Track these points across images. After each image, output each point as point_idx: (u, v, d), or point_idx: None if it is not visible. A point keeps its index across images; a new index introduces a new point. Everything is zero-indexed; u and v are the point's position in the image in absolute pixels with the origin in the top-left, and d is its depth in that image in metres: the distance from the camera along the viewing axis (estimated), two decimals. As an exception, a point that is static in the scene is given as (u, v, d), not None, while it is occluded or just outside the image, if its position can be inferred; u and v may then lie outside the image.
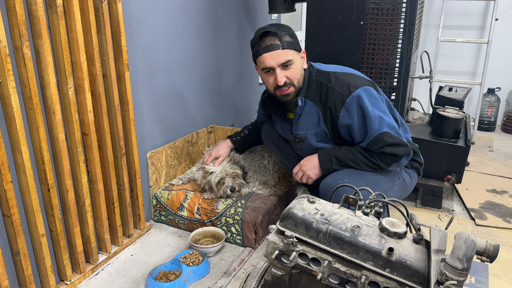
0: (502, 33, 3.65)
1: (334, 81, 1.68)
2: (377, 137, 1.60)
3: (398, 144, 1.61)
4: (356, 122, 1.63)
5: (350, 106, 1.63)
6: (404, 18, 2.07)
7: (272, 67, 1.64)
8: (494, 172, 2.84)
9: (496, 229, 2.16)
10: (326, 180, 1.67)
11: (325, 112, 1.70)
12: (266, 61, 1.63)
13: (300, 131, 1.79)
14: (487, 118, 3.76)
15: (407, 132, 1.88)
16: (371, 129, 1.61)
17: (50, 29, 1.50)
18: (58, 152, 1.59)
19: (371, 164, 1.65)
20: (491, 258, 0.89)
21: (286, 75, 1.65)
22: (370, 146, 1.63)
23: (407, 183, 1.80)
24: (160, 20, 2.07)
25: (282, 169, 2.23)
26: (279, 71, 1.64)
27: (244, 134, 2.19)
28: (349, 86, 1.64)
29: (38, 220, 1.52)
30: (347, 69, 1.77)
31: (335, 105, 1.66)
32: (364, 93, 1.62)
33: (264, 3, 3.04)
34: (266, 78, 1.71)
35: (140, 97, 2.02)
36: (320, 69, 1.75)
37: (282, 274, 1.09)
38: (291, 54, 1.63)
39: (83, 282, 1.75)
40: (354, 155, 1.66)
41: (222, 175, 2.02)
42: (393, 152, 1.61)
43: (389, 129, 1.61)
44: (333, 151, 1.70)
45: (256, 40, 1.64)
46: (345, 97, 1.63)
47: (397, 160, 1.64)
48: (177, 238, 2.07)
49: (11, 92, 1.36)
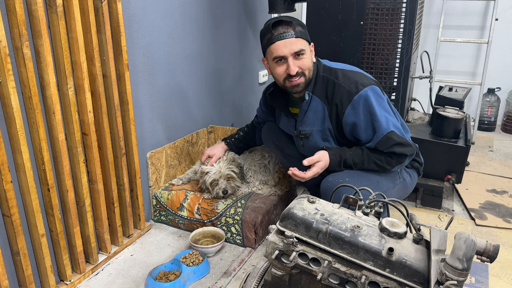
0: (502, 33, 3.65)
1: (341, 78, 1.66)
2: (386, 135, 1.59)
3: (405, 144, 1.61)
4: (362, 121, 1.62)
5: (357, 104, 1.61)
6: (404, 18, 2.07)
7: (284, 55, 1.61)
8: (494, 172, 2.84)
9: (496, 229, 2.16)
10: (327, 179, 1.66)
11: (331, 109, 1.68)
12: (279, 48, 1.60)
13: (305, 127, 1.77)
14: (487, 118, 3.76)
15: (407, 132, 1.88)
16: (379, 128, 1.60)
17: (50, 29, 1.50)
18: (58, 152, 1.59)
19: (376, 167, 1.65)
20: (491, 258, 0.89)
21: (298, 65, 1.63)
22: (379, 145, 1.62)
23: (407, 183, 1.80)
24: (160, 20, 2.07)
25: (283, 169, 2.23)
26: (291, 60, 1.61)
27: (239, 136, 2.19)
28: (357, 84, 1.63)
29: (38, 220, 1.52)
30: (353, 67, 1.76)
31: (341, 102, 1.64)
32: (371, 92, 1.61)
33: (264, 3, 3.04)
34: (276, 67, 1.66)
35: (140, 97, 2.02)
36: (328, 65, 1.73)
37: (282, 274, 1.09)
38: (304, 44, 1.62)
39: (83, 282, 1.75)
40: (361, 160, 1.65)
41: (215, 176, 2.02)
42: (402, 152, 1.61)
43: (395, 129, 1.61)
44: (343, 154, 1.66)
45: (269, 28, 1.62)
46: (353, 94, 1.62)
47: (402, 161, 1.64)
48: (177, 238, 2.07)
49: (11, 92, 1.36)
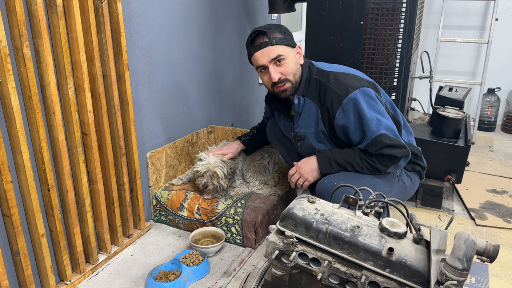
0: (502, 33, 3.65)
1: (333, 80, 1.68)
2: (375, 138, 1.60)
3: (396, 146, 1.61)
4: (352, 123, 1.63)
5: (346, 107, 1.63)
6: (404, 18, 2.06)
7: (264, 65, 1.66)
8: (494, 172, 2.84)
9: (496, 229, 2.16)
10: (322, 181, 1.67)
11: (323, 112, 1.70)
12: (258, 59, 1.67)
13: (300, 129, 1.79)
14: (487, 118, 3.76)
15: (411, 134, 1.87)
16: (369, 131, 1.60)
17: (50, 29, 1.50)
18: (58, 152, 1.59)
19: (370, 167, 1.65)
20: (491, 258, 0.89)
21: (279, 71, 1.66)
22: (369, 147, 1.63)
23: (407, 186, 1.79)
24: (160, 20, 2.07)
25: (282, 169, 2.23)
26: (272, 68, 1.66)
27: (253, 134, 2.19)
28: (347, 86, 1.64)
29: (38, 220, 1.52)
30: (348, 69, 1.77)
31: (332, 105, 1.66)
32: (361, 95, 1.62)
33: (264, 3, 3.04)
34: (262, 77, 1.73)
35: (140, 97, 2.02)
36: (321, 68, 1.75)
37: (282, 274, 1.09)
38: (282, 50, 1.65)
39: (83, 282, 1.75)
40: (354, 159, 1.66)
41: (202, 168, 2.03)
42: (392, 154, 1.61)
43: (386, 131, 1.61)
44: (332, 155, 1.69)
45: (248, 42, 1.69)
46: (342, 97, 1.63)
47: (396, 162, 1.64)
48: (177, 238, 2.07)
49: (11, 92, 1.36)
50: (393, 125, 1.66)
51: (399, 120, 1.76)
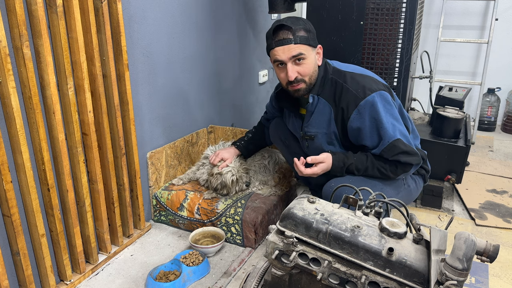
0: (502, 33, 3.65)
1: (350, 81, 1.64)
2: (392, 143, 1.57)
3: (410, 153, 1.58)
4: (367, 127, 1.59)
5: (363, 110, 1.59)
6: (404, 18, 2.06)
7: (283, 60, 1.61)
8: (494, 172, 2.84)
9: (496, 229, 2.16)
10: (330, 184, 1.65)
11: (337, 112, 1.66)
12: (278, 54, 1.60)
13: (311, 128, 1.76)
14: (487, 118, 3.76)
15: (417, 138, 1.84)
16: (385, 135, 1.57)
17: (50, 29, 1.50)
18: (58, 152, 1.59)
19: (380, 175, 1.63)
20: (491, 258, 0.89)
21: (297, 70, 1.62)
22: (384, 152, 1.59)
23: (412, 190, 1.78)
24: (160, 20, 2.07)
25: (283, 169, 2.23)
26: (290, 66, 1.60)
27: (248, 138, 2.16)
28: (365, 88, 1.60)
29: (38, 220, 1.52)
30: (364, 70, 1.73)
31: (347, 106, 1.62)
32: (379, 98, 1.58)
33: (264, 3, 3.04)
34: (278, 72, 1.68)
35: (140, 97, 2.02)
36: (337, 68, 1.71)
37: (282, 274, 1.09)
38: (304, 49, 1.60)
39: (83, 282, 1.75)
40: (366, 169, 1.63)
41: (239, 174, 2.04)
42: (408, 161, 1.58)
43: (401, 137, 1.58)
44: (347, 161, 1.64)
45: (270, 33, 1.62)
46: (359, 99, 1.59)
47: (407, 170, 1.62)
48: (177, 238, 2.07)
49: (11, 92, 1.36)
50: (406, 131, 1.63)
51: (408, 125, 1.73)
